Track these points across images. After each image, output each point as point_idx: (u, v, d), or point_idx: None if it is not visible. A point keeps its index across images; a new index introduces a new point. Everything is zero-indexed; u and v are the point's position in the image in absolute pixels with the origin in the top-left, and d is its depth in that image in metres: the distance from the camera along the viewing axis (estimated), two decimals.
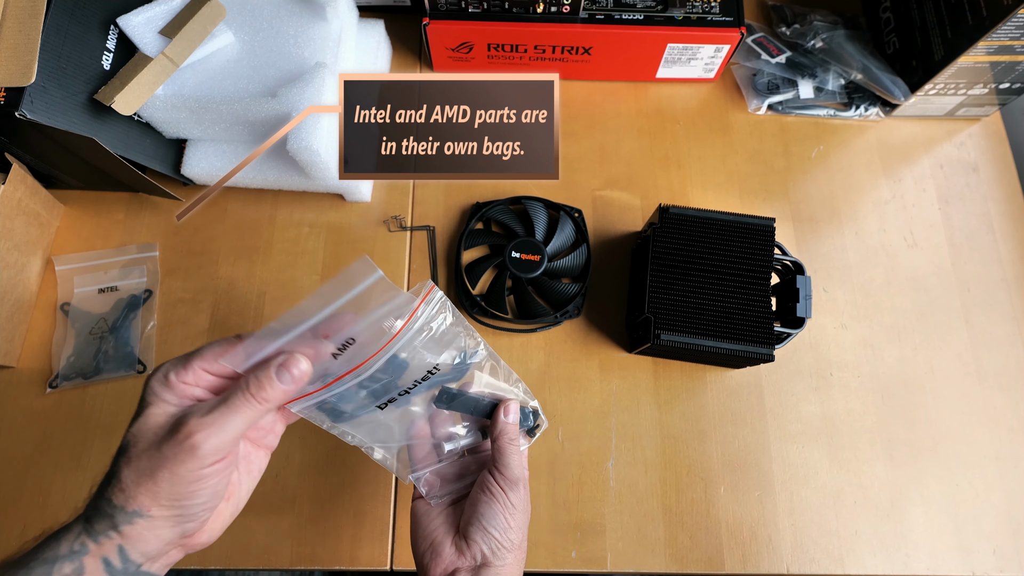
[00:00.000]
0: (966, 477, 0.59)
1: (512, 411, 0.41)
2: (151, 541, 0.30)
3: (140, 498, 0.29)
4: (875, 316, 0.64)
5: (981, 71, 0.62)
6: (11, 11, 0.47)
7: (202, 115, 0.56)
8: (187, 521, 0.30)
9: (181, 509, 0.30)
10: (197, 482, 0.30)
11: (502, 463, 0.39)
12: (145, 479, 0.29)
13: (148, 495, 0.29)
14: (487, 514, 0.37)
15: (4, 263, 0.56)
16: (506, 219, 0.64)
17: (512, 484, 0.39)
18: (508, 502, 0.38)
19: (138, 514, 0.29)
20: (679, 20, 0.63)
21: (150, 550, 0.30)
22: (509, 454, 0.39)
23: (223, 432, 0.30)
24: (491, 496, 0.38)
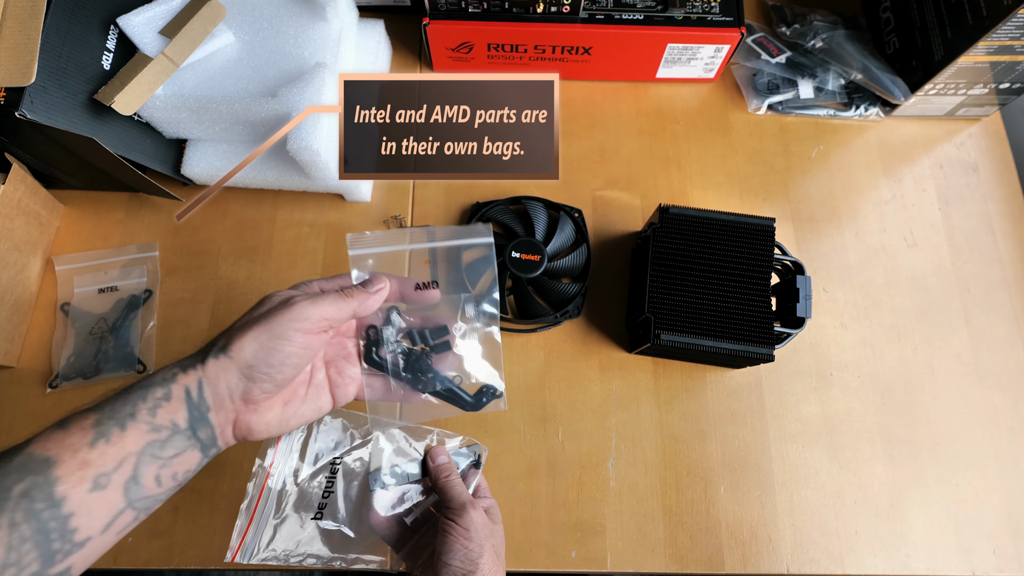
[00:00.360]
0: (966, 477, 0.59)
1: (437, 455, 0.45)
2: (221, 383, 0.34)
3: (232, 338, 0.34)
4: (875, 316, 0.64)
5: (981, 71, 0.62)
6: (11, 11, 0.47)
7: (202, 115, 0.56)
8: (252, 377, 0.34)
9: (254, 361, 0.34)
10: (279, 339, 0.34)
11: (444, 498, 0.43)
12: (245, 327, 0.35)
13: (238, 338, 0.34)
14: (443, 549, 0.40)
15: (4, 263, 0.56)
16: (506, 219, 0.64)
17: (457, 512, 0.41)
18: (460, 528, 0.40)
19: (223, 350, 0.34)
20: (679, 20, 0.63)
21: (219, 391, 0.34)
22: (447, 489, 0.43)
23: (316, 307, 0.35)
24: (443, 532, 0.40)
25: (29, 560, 0.28)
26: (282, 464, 0.44)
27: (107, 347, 0.59)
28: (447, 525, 0.41)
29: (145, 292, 0.61)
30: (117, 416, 0.32)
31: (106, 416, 0.32)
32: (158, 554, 0.54)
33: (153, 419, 0.32)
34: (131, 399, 0.32)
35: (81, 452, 0.30)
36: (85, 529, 0.30)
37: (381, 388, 0.41)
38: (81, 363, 0.58)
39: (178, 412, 0.33)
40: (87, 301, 0.61)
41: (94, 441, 0.31)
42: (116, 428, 0.31)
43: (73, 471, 0.30)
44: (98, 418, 0.31)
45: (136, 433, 0.32)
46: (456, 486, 0.43)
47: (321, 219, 0.65)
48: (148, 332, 0.60)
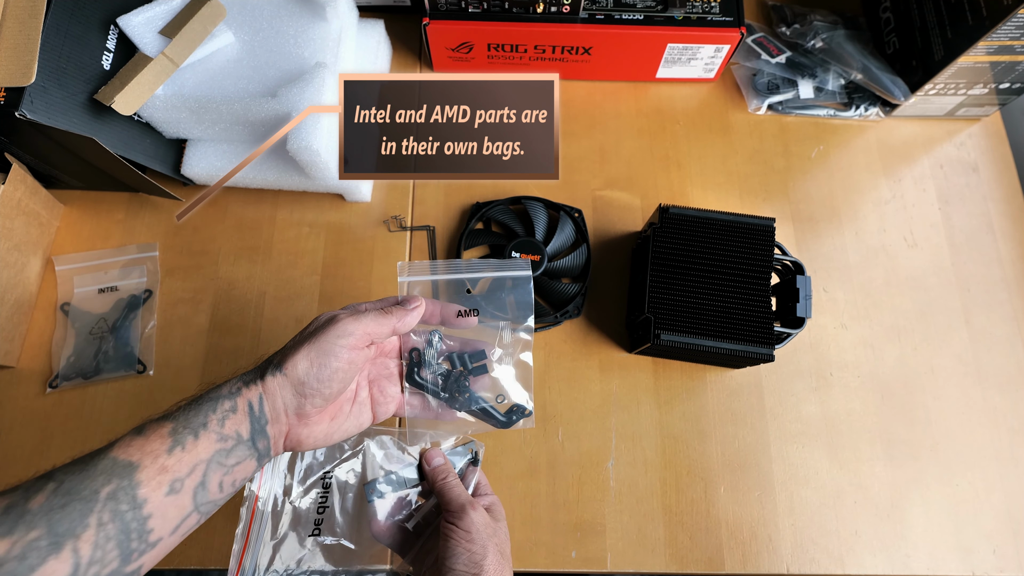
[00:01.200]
0: (966, 477, 0.59)
1: (433, 458, 0.45)
2: (278, 398, 0.37)
3: (286, 356, 0.37)
4: (875, 316, 0.64)
5: (981, 71, 0.62)
6: (11, 11, 0.47)
7: (202, 115, 0.56)
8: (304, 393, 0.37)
9: (305, 378, 0.37)
10: (326, 355, 0.37)
11: (443, 501, 0.43)
12: (296, 346, 0.38)
13: (291, 356, 0.37)
14: (446, 554, 0.40)
15: (4, 263, 0.56)
16: (506, 219, 0.64)
17: (457, 514, 0.41)
18: (460, 531, 0.40)
19: (278, 367, 0.37)
20: (679, 20, 0.63)
21: (276, 406, 0.37)
22: (445, 491, 0.43)
23: (358, 323, 0.38)
24: (444, 536, 0.40)
25: (111, 558, 0.30)
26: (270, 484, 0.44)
27: (107, 347, 0.59)
28: (448, 528, 0.40)
29: (145, 292, 0.61)
30: (191, 425, 0.34)
31: (181, 425, 0.34)
32: None
33: (222, 429, 0.35)
34: (203, 410, 0.35)
35: (160, 458, 0.32)
36: (159, 530, 0.33)
37: (420, 406, 0.44)
38: (81, 363, 0.58)
39: (242, 424, 0.36)
40: (87, 301, 0.61)
41: (172, 448, 0.33)
42: (191, 436, 0.34)
43: (153, 476, 0.32)
44: (174, 427, 0.34)
45: (207, 442, 0.34)
46: (454, 487, 0.43)
47: (321, 219, 0.65)
48: (148, 332, 0.60)
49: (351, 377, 0.39)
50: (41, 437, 0.57)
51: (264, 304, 0.62)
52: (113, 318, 0.60)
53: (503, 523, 0.43)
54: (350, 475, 0.46)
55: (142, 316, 0.60)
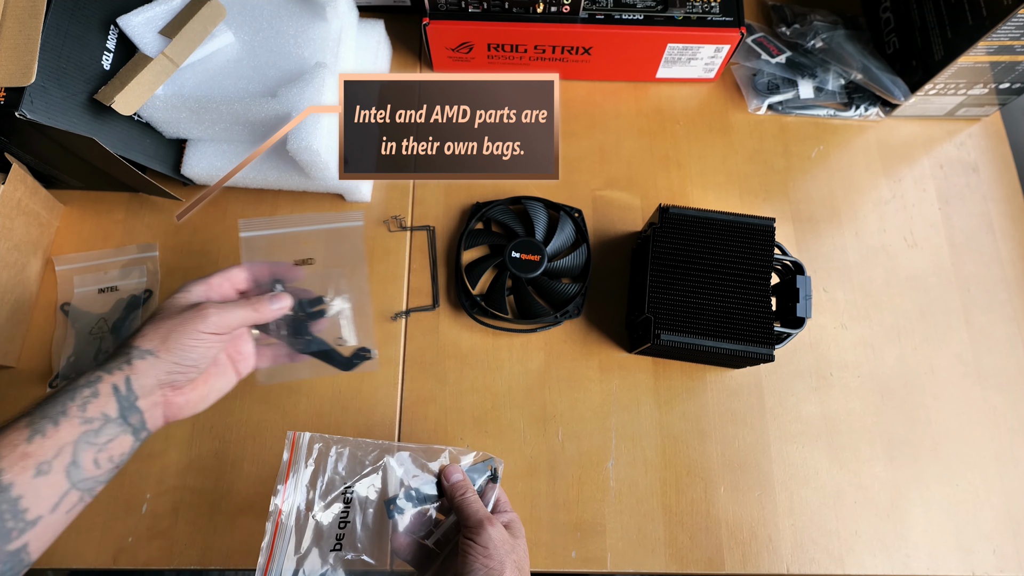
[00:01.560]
0: (966, 477, 0.59)
1: (452, 474, 0.45)
2: (149, 376, 0.39)
3: (154, 341, 0.39)
4: (875, 316, 0.64)
5: (981, 71, 0.62)
6: (11, 11, 0.47)
7: (202, 115, 0.56)
8: (177, 370, 0.40)
9: (177, 357, 0.39)
10: (195, 339, 0.39)
11: (462, 517, 0.43)
12: (162, 330, 0.39)
13: (160, 340, 0.39)
14: (463, 570, 0.40)
15: (4, 263, 0.56)
16: (506, 219, 0.64)
17: (475, 530, 0.41)
18: (478, 547, 0.40)
19: (150, 352, 0.39)
20: (679, 20, 0.63)
21: (147, 384, 0.39)
22: (464, 507, 0.43)
23: (225, 316, 0.41)
24: (464, 553, 0.41)
25: None
26: (293, 498, 0.44)
27: (107, 347, 0.59)
28: (466, 544, 0.41)
29: (145, 292, 0.61)
30: (49, 415, 0.36)
31: (37, 416, 0.36)
32: (158, 554, 0.54)
33: (84, 413, 0.36)
34: (59, 400, 0.36)
35: (20, 447, 0.34)
36: (35, 509, 0.34)
37: (270, 356, 0.47)
38: (81, 363, 0.58)
39: (107, 405, 0.37)
40: (87, 301, 0.61)
41: (31, 437, 0.35)
42: (50, 424, 0.35)
43: (16, 462, 0.34)
44: (30, 419, 0.35)
45: (69, 426, 0.36)
46: (472, 503, 0.43)
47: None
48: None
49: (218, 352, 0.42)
50: None
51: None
52: (113, 318, 0.60)
53: (522, 540, 0.43)
54: (370, 490, 0.46)
55: (142, 316, 0.60)
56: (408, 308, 0.62)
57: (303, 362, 0.49)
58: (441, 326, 0.62)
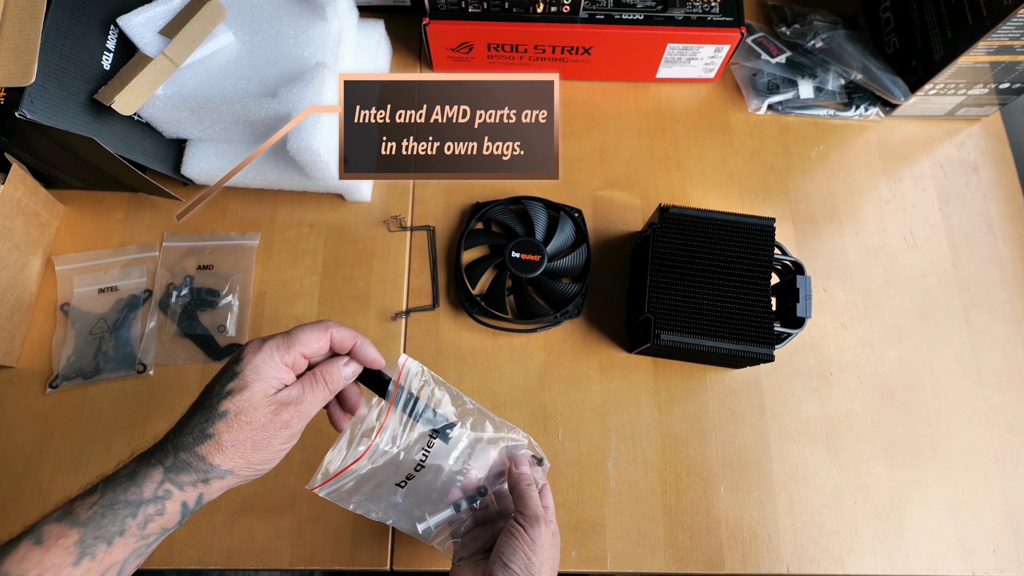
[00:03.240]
0: (966, 477, 0.59)
1: (522, 463, 0.45)
2: (222, 491, 0.36)
3: (236, 460, 0.35)
4: (875, 316, 0.64)
5: (981, 71, 0.62)
6: (11, 11, 0.47)
7: (202, 115, 0.56)
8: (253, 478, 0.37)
9: (257, 470, 0.37)
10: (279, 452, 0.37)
11: (521, 505, 0.43)
12: (246, 446, 0.35)
13: (243, 458, 0.35)
14: (506, 551, 0.40)
15: (4, 263, 0.56)
16: (506, 219, 0.64)
17: (531, 521, 0.41)
18: (528, 538, 0.40)
19: (231, 472, 0.35)
20: (679, 20, 0.63)
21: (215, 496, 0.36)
22: (526, 496, 0.43)
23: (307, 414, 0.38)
24: (510, 535, 0.41)
25: None
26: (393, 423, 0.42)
27: (107, 347, 0.59)
28: (516, 529, 0.41)
29: (145, 292, 0.61)
30: (104, 535, 0.31)
31: (91, 535, 0.31)
32: (158, 554, 0.53)
33: (143, 531, 0.33)
34: (119, 516, 0.32)
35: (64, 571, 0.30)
36: None
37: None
38: (81, 363, 0.58)
39: (172, 519, 0.34)
40: (87, 301, 0.61)
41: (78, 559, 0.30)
42: (102, 546, 0.31)
43: None
44: (81, 536, 0.31)
45: (123, 547, 0.32)
46: (534, 497, 0.43)
47: (321, 219, 0.65)
48: (148, 332, 0.60)
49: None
50: (41, 437, 0.57)
51: (264, 304, 0.62)
52: (113, 318, 0.60)
53: (559, 553, 0.43)
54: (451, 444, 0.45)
55: (142, 316, 0.60)
56: (408, 308, 0.62)
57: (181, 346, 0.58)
58: (441, 326, 0.62)
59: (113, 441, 0.57)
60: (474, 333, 0.62)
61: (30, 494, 0.55)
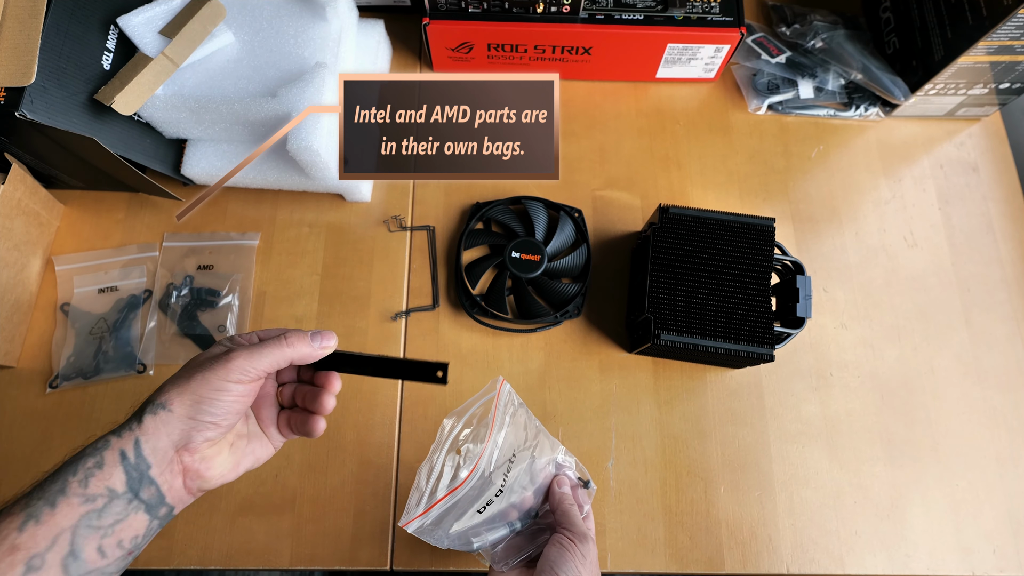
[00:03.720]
0: (966, 477, 0.59)
1: (564, 483, 0.46)
2: (161, 436, 0.34)
3: (170, 393, 0.34)
4: (875, 316, 0.64)
5: (981, 71, 0.62)
6: (11, 11, 0.47)
7: (202, 115, 0.56)
8: (194, 427, 0.34)
9: (196, 412, 0.34)
10: (218, 391, 0.34)
11: (567, 523, 0.43)
12: (181, 381, 0.35)
13: (176, 391, 0.34)
14: (558, 561, 0.40)
15: (4, 263, 0.56)
16: (506, 219, 0.64)
17: (581, 538, 0.42)
18: (578, 552, 0.41)
19: (162, 406, 0.34)
20: (679, 20, 0.63)
21: (160, 447, 0.33)
22: (572, 515, 0.43)
23: (253, 359, 0.35)
24: (562, 547, 0.41)
25: None
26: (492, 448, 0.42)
27: (107, 347, 0.59)
28: (566, 542, 0.41)
29: (145, 292, 0.61)
30: (47, 495, 0.31)
31: (35, 496, 0.31)
32: (158, 554, 0.54)
33: (85, 490, 0.31)
34: (60, 475, 0.31)
35: (10, 537, 0.29)
36: None
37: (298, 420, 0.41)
38: (81, 363, 0.58)
39: (112, 477, 0.32)
40: (87, 301, 0.61)
41: (23, 524, 0.30)
42: (46, 507, 0.30)
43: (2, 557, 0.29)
44: (27, 500, 0.31)
45: (68, 508, 0.31)
46: (579, 516, 0.44)
47: (321, 219, 0.65)
48: (148, 332, 0.60)
49: (245, 407, 0.37)
50: (41, 437, 0.57)
51: (264, 304, 0.62)
52: (113, 318, 0.60)
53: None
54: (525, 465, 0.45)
55: (142, 316, 0.60)
56: (408, 308, 0.62)
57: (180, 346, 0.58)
58: (441, 326, 0.62)
59: None
60: (474, 333, 0.62)
61: None
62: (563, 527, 0.43)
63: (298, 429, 0.40)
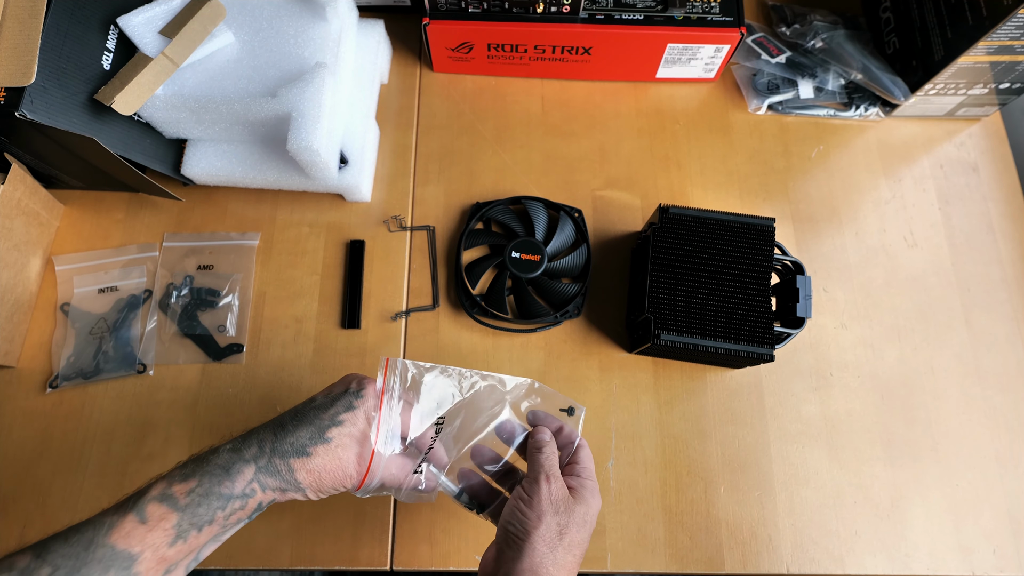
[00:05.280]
0: (966, 477, 0.59)
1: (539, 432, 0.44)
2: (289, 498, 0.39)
3: (313, 482, 0.38)
4: (875, 316, 0.64)
5: (981, 71, 0.62)
6: (11, 11, 0.47)
7: (202, 115, 0.56)
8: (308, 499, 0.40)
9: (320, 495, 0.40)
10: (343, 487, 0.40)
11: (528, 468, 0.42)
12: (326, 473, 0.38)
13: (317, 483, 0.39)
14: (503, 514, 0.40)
15: (4, 263, 0.56)
16: (506, 219, 0.64)
17: (530, 480, 0.41)
18: (522, 494, 0.40)
19: (304, 491, 0.39)
20: (679, 20, 0.63)
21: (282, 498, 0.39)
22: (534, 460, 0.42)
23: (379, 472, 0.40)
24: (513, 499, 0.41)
25: None
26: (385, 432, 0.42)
27: (107, 347, 0.59)
28: (516, 490, 0.41)
29: (145, 292, 0.61)
30: (197, 521, 0.36)
31: (187, 520, 0.35)
32: None
33: (226, 521, 0.37)
34: (212, 506, 0.36)
35: (161, 550, 0.34)
36: None
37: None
38: (81, 363, 0.58)
39: (246, 514, 0.38)
40: (87, 301, 0.61)
41: (173, 541, 0.35)
42: (194, 531, 0.35)
43: (152, 566, 0.34)
44: (179, 520, 0.35)
45: (208, 533, 0.36)
46: (543, 460, 0.42)
47: (321, 219, 0.65)
48: (148, 332, 0.60)
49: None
50: (41, 437, 0.57)
51: (264, 304, 0.62)
52: (113, 318, 0.60)
53: (584, 508, 0.41)
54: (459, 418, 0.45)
55: (142, 316, 0.60)
56: (408, 308, 0.62)
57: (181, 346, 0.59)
58: (441, 326, 0.62)
59: (113, 441, 0.57)
60: (474, 333, 0.62)
61: (30, 494, 0.55)
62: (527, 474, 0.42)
63: None
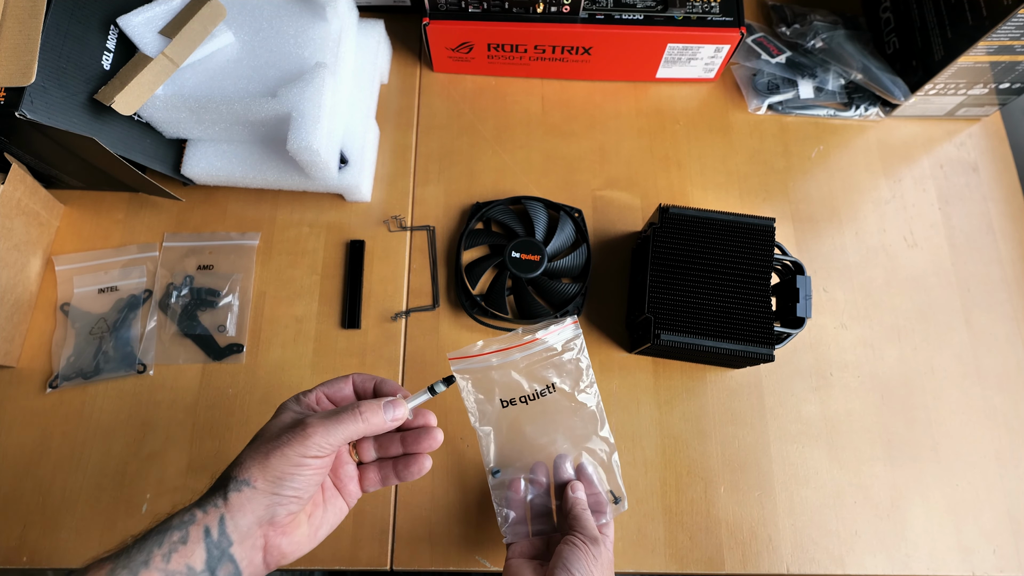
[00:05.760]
0: (966, 477, 0.59)
1: (578, 489, 0.46)
2: (247, 513, 0.34)
3: (252, 470, 0.35)
4: (875, 316, 0.64)
5: (981, 71, 0.62)
6: (11, 11, 0.47)
7: (202, 115, 0.56)
8: (278, 502, 0.35)
9: (278, 487, 0.35)
10: (298, 467, 0.35)
11: (579, 526, 0.43)
12: (260, 456, 0.35)
13: (258, 467, 0.35)
14: (571, 558, 0.40)
15: (4, 263, 0.56)
16: (506, 219, 0.64)
17: (592, 540, 0.42)
18: (591, 553, 0.41)
19: (246, 483, 0.35)
20: (679, 20, 0.63)
21: (244, 524, 0.34)
22: (584, 520, 0.44)
23: (330, 433, 0.36)
24: (574, 546, 0.41)
25: None
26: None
27: (107, 347, 0.59)
28: (579, 543, 0.42)
29: (145, 292, 0.61)
30: (131, 565, 0.32)
31: (120, 566, 0.31)
32: None
33: (167, 565, 0.32)
34: (147, 546, 0.32)
35: None
36: None
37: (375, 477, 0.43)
38: (81, 363, 0.58)
39: (194, 554, 0.33)
40: (87, 301, 0.61)
41: None
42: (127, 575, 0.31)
43: None
44: (113, 567, 0.31)
45: None
46: (591, 520, 0.44)
47: (321, 219, 0.65)
48: (148, 332, 0.60)
49: (324, 477, 0.38)
50: (41, 437, 0.57)
51: (264, 304, 0.62)
52: (113, 318, 0.60)
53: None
54: None
55: (142, 316, 0.60)
56: (408, 308, 0.62)
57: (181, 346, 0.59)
58: (441, 326, 0.62)
59: (113, 441, 0.57)
60: (474, 333, 0.62)
61: (30, 494, 0.55)
62: (575, 530, 0.43)
63: (402, 474, 0.42)
